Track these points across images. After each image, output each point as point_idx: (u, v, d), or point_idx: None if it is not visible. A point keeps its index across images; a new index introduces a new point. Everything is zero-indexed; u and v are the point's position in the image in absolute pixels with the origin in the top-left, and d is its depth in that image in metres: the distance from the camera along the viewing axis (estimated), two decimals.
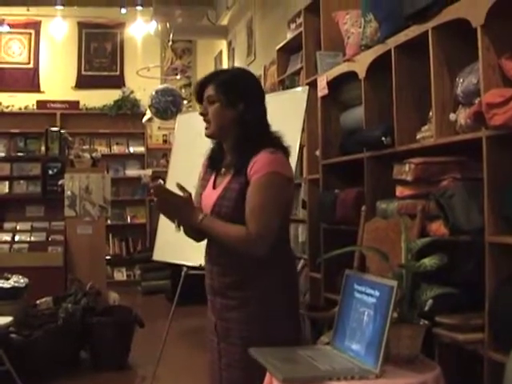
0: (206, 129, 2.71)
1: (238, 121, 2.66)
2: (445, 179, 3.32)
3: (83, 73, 11.47)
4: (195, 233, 2.76)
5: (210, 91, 2.68)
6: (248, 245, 2.53)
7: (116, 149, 11.31)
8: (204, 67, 11.89)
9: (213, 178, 2.78)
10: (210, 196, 2.71)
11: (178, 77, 11.34)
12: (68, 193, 7.25)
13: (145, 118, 10.65)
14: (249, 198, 2.54)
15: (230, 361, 2.66)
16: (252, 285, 2.63)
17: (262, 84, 8.30)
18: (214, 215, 2.64)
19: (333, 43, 5.04)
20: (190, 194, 2.65)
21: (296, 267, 2.88)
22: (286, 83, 6.66)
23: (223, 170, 2.73)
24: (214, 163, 2.81)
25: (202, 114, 2.70)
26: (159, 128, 11.43)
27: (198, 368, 5.71)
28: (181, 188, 2.64)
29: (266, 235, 2.52)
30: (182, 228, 2.71)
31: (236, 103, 2.67)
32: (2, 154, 10.53)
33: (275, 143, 2.68)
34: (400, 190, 3.61)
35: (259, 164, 2.55)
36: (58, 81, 11.21)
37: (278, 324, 2.64)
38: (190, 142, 5.61)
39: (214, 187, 2.74)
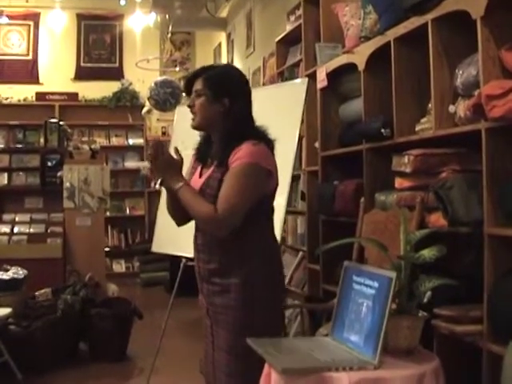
0: (192, 120, 2.85)
1: (223, 115, 2.79)
2: (444, 171, 3.32)
3: (82, 64, 11.45)
4: (175, 209, 2.88)
5: (197, 85, 2.82)
6: (212, 223, 2.66)
7: (115, 140, 11.29)
8: (203, 59, 11.89)
9: (199, 167, 2.92)
10: (196, 184, 2.81)
11: (177, 68, 11.31)
12: (67, 184, 7.24)
13: (144, 110, 10.64)
14: (224, 183, 2.66)
15: (220, 343, 2.77)
16: (232, 272, 2.72)
17: (262, 76, 8.30)
18: None
19: (332, 35, 5.03)
20: (182, 159, 2.80)
21: (279, 257, 2.93)
22: (285, 75, 6.66)
23: (209, 160, 2.86)
24: (201, 154, 2.94)
25: (189, 106, 2.86)
26: (158, 120, 11.41)
27: (196, 359, 5.73)
28: (176, 152, 2.82)
29: (230, 218, 2.63)
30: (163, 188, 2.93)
31: (221, 98, 2.79)
32: (1, 146, 10.50)
33: (259, 136, 2.78)
34: (399, 182, 3.61)
35: (240, 154, 2.67)
36: (57, 72, 11.19)
37: (260, 313, 2.69)
38: (188, 134, 5.60)
39: (200, 176, 2.86)
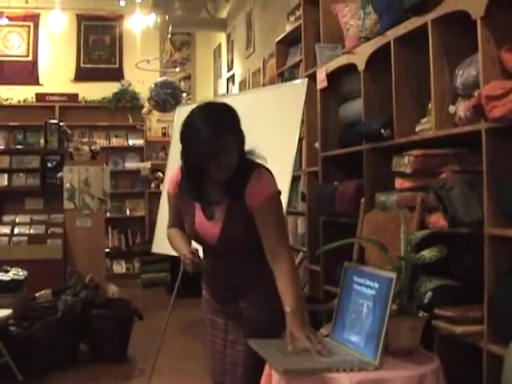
0: (225, 174, 2.63)
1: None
2: (444, 171, 3.32)
3: (82, 65, 11.45)
4: None
5: (229, 138, 2.58)
6: (294, 267, 2.69)
7: (115, 141, 11.28)
8: (203, 60, 11.91)
9: (198, 206, 2.79)
10: (211, 227, 2.74)
11: (177, 69, 11.32)
12: (67, 185, 7.24)
13: (143, 111, 10.66)
14: (264, 226, 2.65)
15: (237, 338, 2.80)
16: (258, 280, 2.75)
17: (261, 77, 8.31)
18: (223, 244, 2.73)
19: (332, 35, 5.03)
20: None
21: None
22: (285, 76, 6.66)
23: (212, 199, 2.74)
24: (196, 195, 2.78)
25: (230, 164, 2.61)
26: (158, 121, 11.41)
27: (197, 360, 5.72)
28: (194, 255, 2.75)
29: (289, 250, 2.70)
30: None
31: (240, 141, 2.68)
32: (1, 147, 10.51)
33: (255, 162, 2.73)
34: (399, 182, 3.61)
35: (256, 190, 2.64)
36: (57, 73, 11.19)
37: (279, 310, 2.63)
38: None
39: (208, 217, 2.75)
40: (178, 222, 2.93)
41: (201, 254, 2.85)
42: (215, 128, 2.53)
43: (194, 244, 2.90)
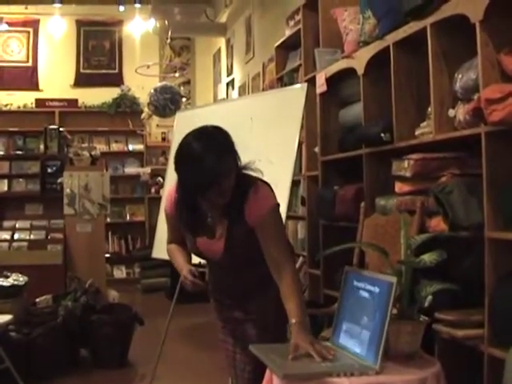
0: (222, 199, 2.62)
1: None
2: (444, 175, 3.32)
3: (82, 71, 11.45)
4: None
5: (226, 164, 2.56)
6: (297, 278, 2.69)
7: (115, 147, 11.27)
8: (203, 65, 11.91)
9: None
10: (213, 245, 2.75)
11: (177, 74, 11.33)
12: (67, 191, 7.25)
13: (142, 116, 10.67)
14: (265, 240, 2.66)
15: (245, 343, 2.82)
16: (268, 285, 2.74)
17: (261, 81, 8.31)
18: (227, 259, 2.76)
19: (331, 40, 5.04)
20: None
21: None
22: (284, 80, 6.66)
23: (209, 219, 2.74)
24: (186, 226, 2.81)
25: (225, 191, 2.58)
26: (158, 126, 11.41)
27: (197, 365, 5.73)
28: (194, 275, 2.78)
29: (291, 258, 2.73)
30: None
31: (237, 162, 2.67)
32: (1, 153, 10.49)
33: (251, 177, 2.72)
34: (399, 186, 3.61)
35: (254, 207, 2.64)
36: (57, 79, 11.19)
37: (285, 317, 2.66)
38: None
39: (210, 236, 2.75)
40: (178, 238, 2.94)
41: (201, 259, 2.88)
42: (216, 155, 2.50)
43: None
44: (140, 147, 11.33)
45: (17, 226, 8.33)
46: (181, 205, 2.74)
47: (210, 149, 2.51)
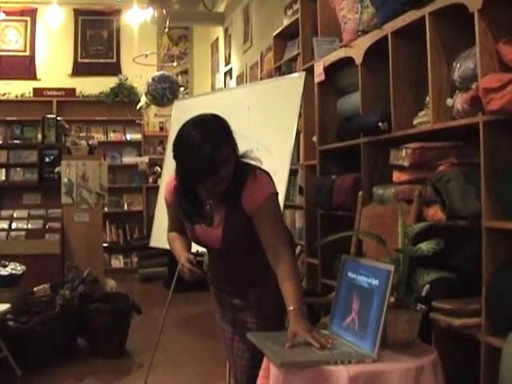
0: (220, 186, 2.63)
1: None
2: (441, 164, 3.32)
3: (79, 60, 11.41)
4: None
5: (224, 151, 2.55)
6: (295, 266, 2.69)
7: (113, 136, 11.26)
8: (201, 54, 11.89)
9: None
10: (212, 233, 2.76)
11: (175, 64, 11.29)
12: (65, 180, 7.25)
13: (139, 105, 10.65)
14: (262, 228, 2.65)
15: (244, 330, 2.83)
16: (267, 272, 2.72)
17: (259, 71, 8.30)
18: (226, 247, 2.75)
19: (329, 29, 5.03)
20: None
21: None
22: (282, 69, 6.65)
23: (207, 207, 2.74)
24: (186, 213, 2.82)
25: (222, 178, 2.59)
26: (156, 115, 11.40)
27: (195, 354, 5.74)
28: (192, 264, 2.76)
29: (288, 247, 2.70)
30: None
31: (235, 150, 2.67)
32: None
33: (249, 166, 2.72)
34: (397, 176, 3.61)
35: (251, 195, 2.64)
36: (55, 68, 11.16)
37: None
38: None
39: (208, 224, 2.76)
40: (179, 226, 2.94)
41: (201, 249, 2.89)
42: (215, 144, 2.49)
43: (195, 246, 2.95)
44: (138, 136, 11.32)
45: (14, 215, 8.33)
46: (179, 192, 2.75)
47: (209, 137, 2.50)
